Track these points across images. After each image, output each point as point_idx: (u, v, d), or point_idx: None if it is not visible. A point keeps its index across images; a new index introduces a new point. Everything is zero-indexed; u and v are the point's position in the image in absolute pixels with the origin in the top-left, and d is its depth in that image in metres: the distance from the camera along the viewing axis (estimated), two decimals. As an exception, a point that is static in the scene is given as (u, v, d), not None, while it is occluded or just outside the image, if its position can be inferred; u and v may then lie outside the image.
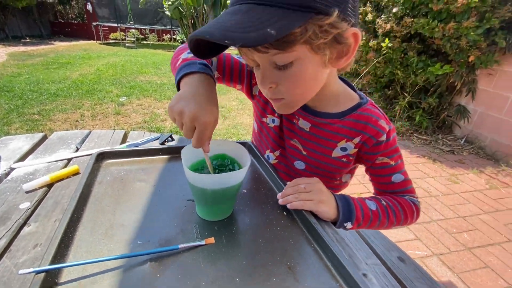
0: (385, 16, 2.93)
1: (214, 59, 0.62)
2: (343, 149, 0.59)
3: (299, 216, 0.49)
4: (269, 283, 0.37)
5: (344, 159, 0.60)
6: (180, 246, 0.40)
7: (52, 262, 0.34)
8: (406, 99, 3.21)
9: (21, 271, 0.32)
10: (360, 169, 0.68)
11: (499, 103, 2.83)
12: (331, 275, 0.39)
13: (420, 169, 2.59)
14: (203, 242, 0.42)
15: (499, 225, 1.93)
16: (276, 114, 0.65)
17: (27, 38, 11.45)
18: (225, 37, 0.34)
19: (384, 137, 0.56)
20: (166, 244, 0.41)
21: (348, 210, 0.52)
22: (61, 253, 0.37)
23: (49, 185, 0.55)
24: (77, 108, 3.41)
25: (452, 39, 2.67)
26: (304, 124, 0.60)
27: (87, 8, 13.09)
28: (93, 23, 12.09)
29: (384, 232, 1.73)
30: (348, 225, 0.52)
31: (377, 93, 3.52)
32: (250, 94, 0.68)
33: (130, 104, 3.68)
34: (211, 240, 0.43)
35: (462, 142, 3.13)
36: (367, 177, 0.64)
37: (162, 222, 0.46)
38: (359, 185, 2.20)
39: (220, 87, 2.94)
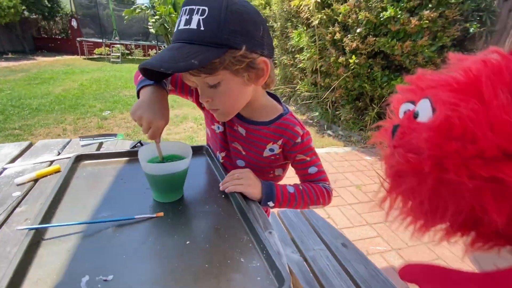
0: (351, 35, 3.23)
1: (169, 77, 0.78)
2: (271, 149, 0.75)
3: (232, 197, 0.65)
4: (200, 239, 0.52)
5: (272, 157, 0.76)
6: (136, 216, 0.55)
7: (40, 223, 0.48)
8: (375, 110, 3.49)
9: (18, 227, 0.46)
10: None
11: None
12: (245, 233, 0.55)
13: (386, 174, 2.81)
14: (154, 215, 0.57)
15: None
16: (220, 122, 0.81)
17: (10, 54, 11.31)
18: (161, 66, 0.51)
19: (299, 139, 0.72)
20: (126, 216, 0.56)
21: (271, 192, 0.68)
22: (46, 219, 0.51)
23: (36, 180, 0.68)
24: (59, 122, 3.47)
25: (410, 56, 2.98)
26: (241, 130, 0.76)
27: (72, 24, 13.15)
28: (78, 39, 12.12)
29: (349, 231, 1.89)
30: (270, 203, 0.68)
31: (349, 105, 3.79)
32: (200, 106, 0.83)
33: (113, 118, 3.77)
34: (161, 214, 0.58)
35: (426, 148, 3.41)
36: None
37: (124, 202, 0.61)
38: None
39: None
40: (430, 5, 2.69)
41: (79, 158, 0.76)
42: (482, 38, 2.81)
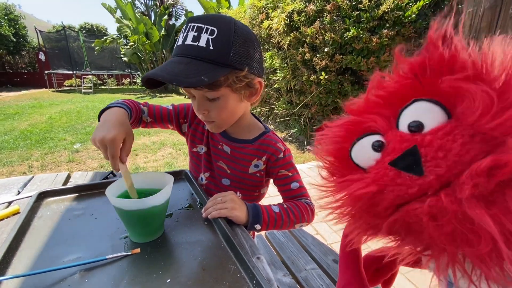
0: (320, 55, 3.40)
1: (145, 108, 0.76)
2: (256, 166, 0.75)
3: (216, 223, 0.60)
4: (182, 274, 0.47)
5: (258, 174, 0.75)
6: (108, 257, 0.49)
7: (-11, 280, 0.41)
8: (350, 123, 3.62)
9: (-40, 285, 0.38)
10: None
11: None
12: (232, 262, 0.50)
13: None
14: (129, 252, 0.51)
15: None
16: (203, 143, 0.79)
17: (-31, 91, 10.68)
18: (173, 80, 0.53)
19: (281, 155, 0.73)
20: (96, 257, 0.49)
21: (257, 214, 0.64)
22: (0, 270, 0.44)
23: (-11, 226, 0.59)
24: (25, 159, 3.23)
25: (376, 71, 3.17)
26: (226, 148, 0.76)
27: (39, 57, 12.78)
28: (46, 71, 11.74)
29: (339, 245, 1.86)
30: (257, 226, 0.64)
31: (325, 120, 3.90)
32: (181, 131, 0.82)
33: (86, 151, 3.58)
34: (137, 250, 0.52)
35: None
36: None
37: (95, 242, 0.54)
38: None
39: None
40: (387, 25, 2.93)
41: (43, 195, 0.68)
42: (437, 51, 3.08)
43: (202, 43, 0.55)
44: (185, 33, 0.58)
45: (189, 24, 0.58)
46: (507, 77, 0.26)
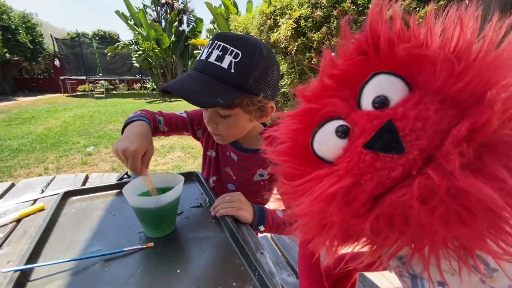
0: (327, 59, 3.45)
1: (161, 118, 0.82)
2: (261, 175, 0.78)
3: (223, 221, 0.65)
4: (191, 266, 0.52)
5: (262, 183, 0.80)
6: (125, 249, 0.54)
7: (26, 264, 0.47)
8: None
9: (2, 270, 0.44)
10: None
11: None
12: (237, 256, 0.55)
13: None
14: (143, 246, 0.56)
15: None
16: (213, 148, 0.84)
17: (-12, 96, 11.12)
18: (190, 99, 0.55)
19: None
20: (115, 249, 0.55)
21: (262, 216, 0.69)
22: (32, 258, 0.50)
23: (18, 220, 0.66)
24: (41, 162, 3.37)
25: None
26: (233, 156, 0.80)
27: (55, 63, 13.25)
28: (61, 77, 12.16)
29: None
30: (261, 228, 0.68)
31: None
32: (196, 137, 0.88)
33: (98, 154, 3.70)
34: (150, 244, 0.57)
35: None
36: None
37: (114, 235, 0.60)
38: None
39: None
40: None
41: (68, 195, 0.75)
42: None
43: (225, 64, 0.57)
44: (210, 50, 0.59)
45: (216, 42, 0.59)
46: (458, 41, 0.25)
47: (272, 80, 0.64)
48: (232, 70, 0.57)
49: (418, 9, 2.89)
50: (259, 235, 1.01)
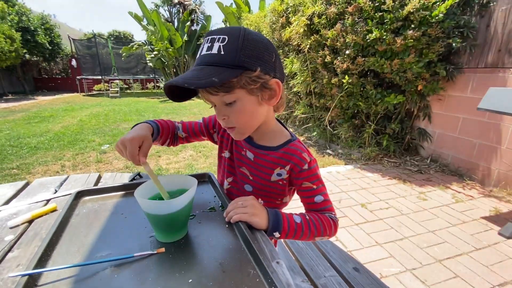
0: (341, 57, 3.35)
1: (179, 125, 0.86)
2: (279, 174, 0.74)
3: (237, 227, 0.62)
4: (203, 275, 0.49)
5: (280, 182, 0.75)
6: (135, 254, 0.52)
7: (34, 268, 0.45)
8: (372, 127, 3.52)
9: (10, 274, 0.43)
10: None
11: (452, 123, 3.16)
12: (251, 266, 0.51)
13: (392, 190, 2.75)
14: (154, 251, 0.54)
15: (466, 235, 2.06)
16: (228, 149, 0.81)
17: (10, 95, 11.59)
18: (185, 83, 0.55)
19: (306, 166, 0.71)
20: (125, 254, 0.52)
21: (277, 222, 0.65)
22: (41, 262, 0.48)
23: (30, 221, 0.65)
24: (58, 159, 3.46)
25: (400, 73, 3.06)
26: (249, 155, 0.76)
27: (72, 63, 13.66)
28: (77, 77, 12.52)
29: (360, 253, 1.81)
30: (277, 234, 0.64)
31: (346, 123, 3.82)
32: (213, 141, 0.88)
33: (113, 152, 3.77)
34: (162, 250, 0.55)
35: (428, 161, 3.39)
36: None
37: (124, 239, 0.58)
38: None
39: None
40: (412, 26, 2.82)
41: (80, 194, 0.74)
42: (467, 51, 2.92)
43: (215, 50, 0.58)
44: (202, 46, 0.61)
45: (206, 38, 0.61)
46: None
47: (268, 57, 0.62)
48: (222, 52, 0.58)
49: (437, 3, 2.76)
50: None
